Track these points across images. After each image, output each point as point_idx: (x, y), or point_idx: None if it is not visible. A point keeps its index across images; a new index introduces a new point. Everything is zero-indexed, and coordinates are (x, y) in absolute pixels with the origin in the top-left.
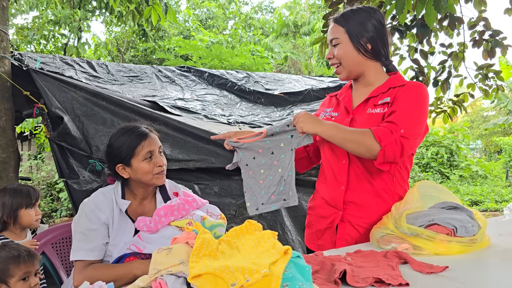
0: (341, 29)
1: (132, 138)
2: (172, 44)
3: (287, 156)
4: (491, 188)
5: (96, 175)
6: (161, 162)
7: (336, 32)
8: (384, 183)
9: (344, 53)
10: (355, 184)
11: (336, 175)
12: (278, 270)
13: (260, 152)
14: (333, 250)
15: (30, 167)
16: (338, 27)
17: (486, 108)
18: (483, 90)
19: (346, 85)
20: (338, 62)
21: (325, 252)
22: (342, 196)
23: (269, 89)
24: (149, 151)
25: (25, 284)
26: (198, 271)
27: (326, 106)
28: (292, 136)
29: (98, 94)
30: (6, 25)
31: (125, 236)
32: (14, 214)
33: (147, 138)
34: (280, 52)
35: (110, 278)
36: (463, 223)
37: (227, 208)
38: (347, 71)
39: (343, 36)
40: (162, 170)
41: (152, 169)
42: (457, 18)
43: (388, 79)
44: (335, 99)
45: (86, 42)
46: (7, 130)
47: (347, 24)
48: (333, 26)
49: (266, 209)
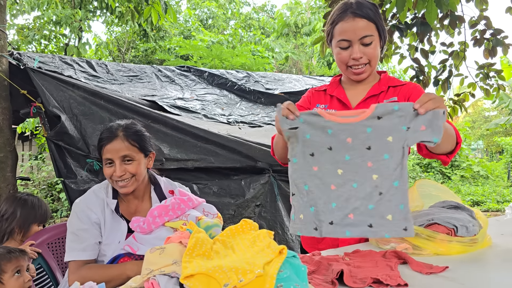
0: (373, 25)
1: (100, 139)
2: (173, 44)
3: (393, 157)
4: (493, 188)
5: (94, 174)
6: (119, 172)
7: (369, 28)
8: None
9: (376, 52)
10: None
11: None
12: (273, 270)
13: (347, 143)
14: (331, 250)
15: (31, 167)
16: (369, 23)
17: (487, 108)
18: (484, 89)
19: (334, 81)
20: (368, 61)
21: (323, 252)
22: None
23: (269, 89)
24: (108, 158)
25: (18, 280)
26: (190, 271)
27: (317, 101)
28: (409, 128)
29: (96, 93)
30: (4, 23)
31: (118, 235)
32: (26, 227)
33: (109, 144)
34: (281, 52)
35: (104, 279)
36: (463, 223)
37: (226, 208)
38: (370, 71)
39: (375, 34)
40: (118, 179)
41: (110, 174)
42: (458, 16)
43: (382, 77)
44: (328, 96)
45: (87, 42)
46: (4, 129)
47: (377, 19)
48: (361, 21)
49: (335, 233)
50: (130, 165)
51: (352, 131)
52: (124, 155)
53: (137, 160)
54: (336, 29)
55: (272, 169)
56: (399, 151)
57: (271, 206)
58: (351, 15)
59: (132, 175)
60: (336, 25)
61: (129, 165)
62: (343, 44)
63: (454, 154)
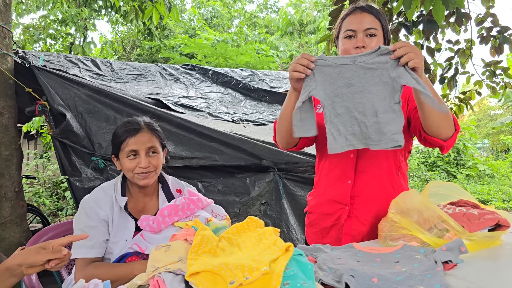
0: (378, 22)
1: (121, 132)
2: (178, 41)
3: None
4: (499, 187)
5: (99, 172)
6: (144, 164)
7: (374, 23)
8: (391, 176)
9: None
10: (362, 178)
11: (342, 170)
12: (279, 268)
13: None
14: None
15: (36, 166)
16: (375, 19)
17: (493, 106)
18: (490, 87)
19: None
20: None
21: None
22: (349, 190)
23: (274, 87)
24: (132, 150)
25: None
26: (196, 269)
27: (318, 102)
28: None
29: (101, 91)
30: (9, 22)
31: (126, 233)
32: None
33: (134, 136)
34: (285, 51)
35: (111, 278)
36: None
37: (231, 206)
38: None
39: (380, 30)
40: (143, 171)
41: (133, 167)
42: (465, 14)
43: None
44: None
45: (92, 41)
46: (10, 127)
47: (382, 19)
48: (368, 16)
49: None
50: (154, 158)
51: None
52: (150, 146)
53: (159, 153)
54: (344, 22)
55: (277, 167)
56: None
57: (276, 204)
58: (359, 10)
59: (154, 168)
60: (344, 19)
61: (153, 157)
62: (348, 33)
63: (452, 141)
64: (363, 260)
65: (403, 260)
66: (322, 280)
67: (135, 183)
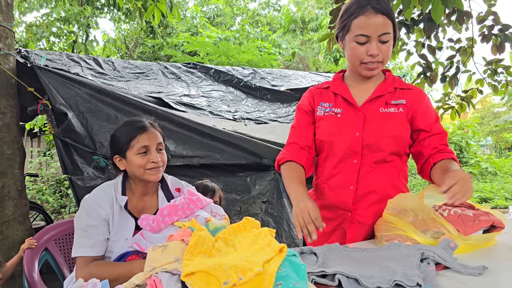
0: (390, 23)
1: (130, 130)
2: (180, 39)
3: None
4: (501, 185)
5: (100, 171)
6: (156, 159)
7: (387, 26)
8: (392, 180)
9: (390, 51)
10: (365, 183)
11: (344, 176)
12: (272, 269)
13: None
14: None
15: (40, 164)
16: (388, 20)
17: (496, 104)
18: (492, 85)
19: (337, 77)
20: (382, 60)
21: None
22: (351, 196)
23: (275, 86)
24: (144, 146)
25: None
26: (191, 269)
27: (320, 100)
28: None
29: (102, 90)
30: (11, 22)
31: (126, 232)
32: None
33: (144, 133)
34: (287, 49)
35: (112, 276)
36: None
37: (232, 204)
38: (380, 69)
39: (391, 32)
40: (155, 166)
41: (145, 164)
42: (466, 12)
43: (387, 76)
44: (331, 93)
45: (95, 39)
46: (12, 126)
47: (394, 17)
48: (382, 18)
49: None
50: (162, 154)
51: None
52: (159, 142)
53: (164, 149)
54: (354, 22)
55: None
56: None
57: (277, 203)
58: (372, 10)
59: (163, 163)
60: (355, 18)
61: (161, 153)
62: (361, 39)
63: None
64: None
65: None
66: (315, 279)
67: (144, 180)
